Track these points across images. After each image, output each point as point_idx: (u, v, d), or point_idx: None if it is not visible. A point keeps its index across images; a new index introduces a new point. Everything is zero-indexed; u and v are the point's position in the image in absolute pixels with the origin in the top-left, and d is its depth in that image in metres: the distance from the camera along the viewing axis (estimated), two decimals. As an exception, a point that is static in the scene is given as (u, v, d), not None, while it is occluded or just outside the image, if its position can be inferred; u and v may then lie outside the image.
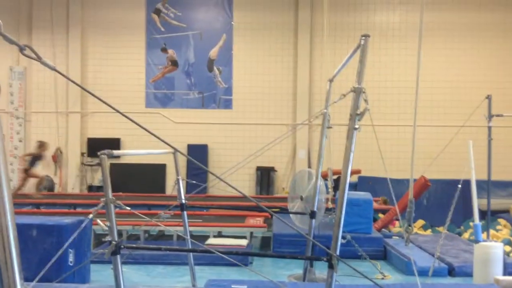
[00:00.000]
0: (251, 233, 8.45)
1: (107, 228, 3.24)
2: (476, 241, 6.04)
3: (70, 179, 13.07)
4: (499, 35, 12.81)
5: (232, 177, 7.70)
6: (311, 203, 6.02)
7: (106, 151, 3.23)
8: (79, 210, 9.60)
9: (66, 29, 13.08)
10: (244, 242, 7.83)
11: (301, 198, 6.46)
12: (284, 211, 7.05)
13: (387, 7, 13.04)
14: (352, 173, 11.42)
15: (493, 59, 12.85)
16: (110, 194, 3.21)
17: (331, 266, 3.19)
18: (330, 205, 7.21)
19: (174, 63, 13.24)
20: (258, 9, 13.12)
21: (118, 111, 2.37)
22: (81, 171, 13.13)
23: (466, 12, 12.85)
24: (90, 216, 3.42)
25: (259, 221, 8.64)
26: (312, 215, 5.93)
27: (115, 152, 3.42)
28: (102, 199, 3.23)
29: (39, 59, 1.85)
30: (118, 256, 3.22)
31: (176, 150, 3.11)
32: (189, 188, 10.29)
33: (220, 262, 7.06)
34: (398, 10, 13.01)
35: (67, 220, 5.77)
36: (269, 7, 13.10)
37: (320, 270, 6.35)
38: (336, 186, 7.58)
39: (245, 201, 9.76)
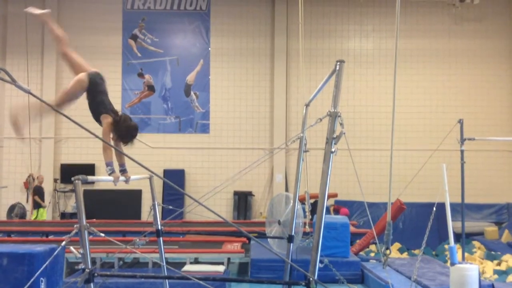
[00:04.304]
0: (228, 259, 8.34)
1: (80, 256, 3.16)
2: (452, 263, 6.09)
3: (43, 206, 12.75)
4: (469, 61, 13.23)
5: (209, 201, 7.64)
6: (288, 227, 5.99)
7: (80, 176, 3.18)
8: (51, 237, 9.35)
9: (41, 54, 12.96)
10: (221, 268, 7.72)
11: (279, 223, 6.43)
12: (262, 235, 6.99)
13: (360, 34, 13.36)
14: (329, 196, 11.50)
15: (464, 84, 13.23)
16: (84, 220, 3.15)
17: (309, 291, 3.17)
18: (307, 229, 7.19)
19: (151, 88, 13.21)
20: (235, 35, 13.28)
21: (95, 135, 2.35)
22: (54, 197, 12.84)
23: (436, 39, 13.26)
24: (63, 243, 3.33)
25: (237, 246, 8.54)
26: (290, 239, 5.90)
27: (90, 177, 3.36)
28: (75, 226, 3.16)
29: (13, 82, 1.83)
30: (92, 285, 3.14)
31: (153, 173, 3.08)
32: (165, 214, 10.15)
33: (197, 289, 6.93)
34: (371, 37, 13.34)
35: (39, 248, 5.60)
36: (246, 33, 13.27)
37: (299, 295, 6.28)
38: (313, 210, 7.58)
39: (222, 226, 9.67)
